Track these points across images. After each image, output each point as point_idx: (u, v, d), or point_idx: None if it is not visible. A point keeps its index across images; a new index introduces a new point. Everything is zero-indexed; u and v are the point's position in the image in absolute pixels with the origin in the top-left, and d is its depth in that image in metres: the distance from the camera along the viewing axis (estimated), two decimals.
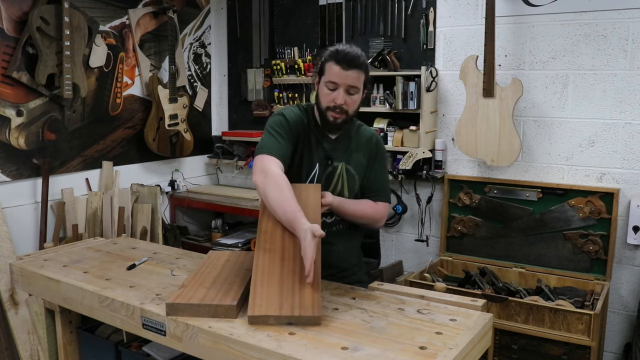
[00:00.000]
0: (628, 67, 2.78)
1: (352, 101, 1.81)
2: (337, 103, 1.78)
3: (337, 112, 1.81)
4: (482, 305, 1.57)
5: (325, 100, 1.81)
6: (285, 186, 1.66)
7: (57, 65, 3.08)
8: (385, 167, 2.04)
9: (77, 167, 3.38)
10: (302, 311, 1.40)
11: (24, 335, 2.88)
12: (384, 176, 2.02)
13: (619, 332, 2.94)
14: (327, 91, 1.80)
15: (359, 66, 1.77)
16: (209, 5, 4.21)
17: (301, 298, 1.44)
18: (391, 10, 3.43)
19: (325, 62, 1.80)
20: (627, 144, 2.83)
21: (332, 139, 1.92)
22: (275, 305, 1.43)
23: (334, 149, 1.91)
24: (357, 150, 1.94)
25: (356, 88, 1.80)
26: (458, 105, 3.23)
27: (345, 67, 1.75)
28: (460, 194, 3.22)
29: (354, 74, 1.76)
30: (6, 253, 2.88)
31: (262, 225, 1.68)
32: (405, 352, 1.28)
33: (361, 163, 1.94)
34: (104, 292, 1.67)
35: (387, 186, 2.01)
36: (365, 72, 1.80)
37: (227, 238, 3.85)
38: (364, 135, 1.98)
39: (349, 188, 1.92)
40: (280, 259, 1.57)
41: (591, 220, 2.87)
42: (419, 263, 3.42)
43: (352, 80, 1.77)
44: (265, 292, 1.47)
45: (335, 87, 1.78)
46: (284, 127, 1.83)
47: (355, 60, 1.76)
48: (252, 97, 4.13)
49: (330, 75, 1.78)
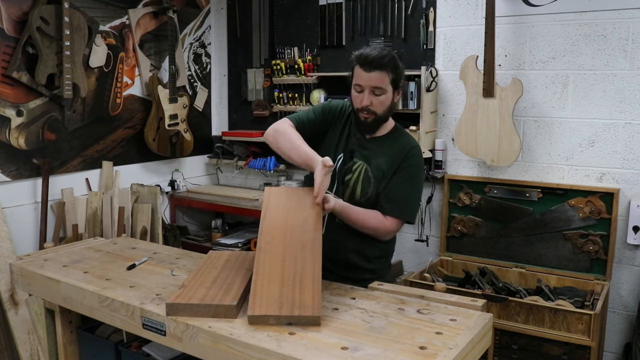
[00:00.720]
0: (628, 67, 2.78)
1: (379, 102, 1.87)
2: (363, 105, 1.87)
3: (366, 113, 1.89)
4: (482, 305, 1.57)
5: (355, 102, 1.92)
6: (295, 137, 1.86)
7: (57, 65, 3.08)
8: (410, 183, 1.93)
9: (77, 167, 3.38)
10: (302, 311, 1.41)
11: (24, 335, 2.88)
12: (405, 191, 1.92)
13: (619, 332, 2.94)
14: (356, 93, 1.90)
15: (381, 66, 1.83)
16: (209, 5, 4.21)
17: (301, 298, 1.44)
18: (391, 10, 3.43)
19: (354, 66, 1.89)
20: (627, 144, 2.83)
21: (365, 139, 1.98)
22: (275, 305, 1.43)
23: (361, 147, 1.96)
24: (383, 155, 1.95)
25: (381, 89, 1.86)
26: (458, 105, 3.23)
27: (368, 69, 1.83)
28: (460, 194, 3.22)
29: (376, 75, 1.83)
30: (6, 253, 2.88)
31: (264, 226, 1.69)
32: (405, 352, 1.28)
33: (382, 169, 1.93)
34: (104, 292, 1.67)
35: (405, 201, 1.92)
36: (390, 72, 1.85)
37: (227, 238, 3.85)
38: (399, 144, 1.97)
39: (362, 189, 1.93)
40: (281, 260, 1.57)
41: (591, 220, 2.87)
42: (419, 263, 3.42)
43: (374, 81, 1.84)
44: (266, 292, 1.47)
45: (361, 89, 1.87)
46: (323, 108, 2.02)
47: (377, 62, 1.82)
48: (252, 97, 4.13)
49: (356, 78, 1.88)
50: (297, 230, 1.65)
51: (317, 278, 1.50)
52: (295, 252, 1.58)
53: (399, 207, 1.91)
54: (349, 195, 1.95)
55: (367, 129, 1.96)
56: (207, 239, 3.99)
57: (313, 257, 1.57)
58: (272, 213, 1.72)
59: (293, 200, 1.77)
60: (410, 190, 1.94)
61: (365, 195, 1.93)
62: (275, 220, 1.69)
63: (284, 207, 1.75)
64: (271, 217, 1.71)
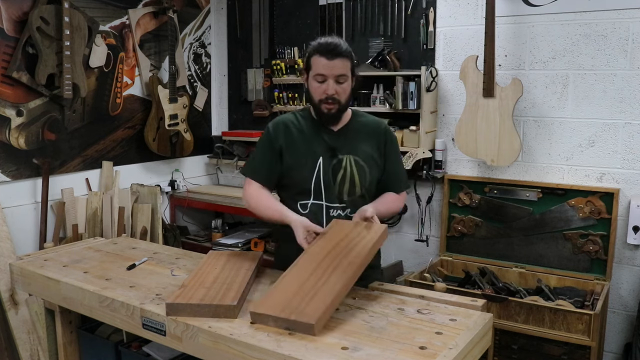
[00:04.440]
0: (628, 67, 2.78)
1: (343, 90, 1.86)
2: (328, 94, 1.84)
3: (330, 103, 1.86)
4: (482, 305, 1.57)
5: (316, 93, 1.87)
6: (263, 198, 1.94)
7: (57, 65, 3.08)
8: (398, 154, 2.08)
9: (77, 167, 3.38)
10: (299, 317, 1.37)
11: (24, 335, 2.88)
12: (401, 165, 2.09)
13: (619, 332, 2.94)
14: (317, 84, 1.85)
15: (343, 54, 1.83)
16: (209, 5, 4.21)
17: (306, 307, 1.41)
18: (391, 10, 3.43)
19: (311, 57, 1.86)
20: (627, 144, 2.83)
21: (333, 132, 1.94)
22: (279, 308, 1.42)
23: (337, 141, 1.93)
24: (363, 140, 1.96)
25: (344, 76, 1.85)
26: (458, 105, 3.23)
27: (330, 57, 1.81)
28: (460, 194, 3.22)
29: (339, 63, 1.82)
30: (6, 253, 2.88)
31: (310, 248, 1.68)
32: (405, 352, 1.28)
33: (369, 154, 1.95)
34: (104, 292, 1.67)
35: (404, 174, 2.11)
36: (350, 59, 1.86)
37: (227, 238, 3.84)
38: (369, 125, 2.00)
39: (360, 180, 1.93)
40: (309, 274, 1.55)
41: (591, 220, 2.87)
42: (419, 263, 3.42)
43: (338, 69, 1.83)
44: (277, 296, 1.46)
45: (324, 78, 1.84)
46: (265, 142, 1.97)
47: (339, 49, 1.82)
48: (252, 97, 4.13)
49: (318, 68, 1.83)
50: (339, 255, 1.62)
51: (332, 294, 1.45)
52: (325, 270, 1.56)
53: (404, 181, 2.09)
54: (349, 190, 1.92)
55: (331, 120, 1.92)
56: (207, 239, 3.99)
57: (340, 277, 1.53)
58: (322, 241, 1.71)
59: (352, 232, 1.74)
60: (402, 163, 2.13)
61: (365, 184, 1.94)
62: (322, 248, 1.68)
63: (337, 237, 1.73)
64: (329, 237, 1.71)
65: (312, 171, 1.89)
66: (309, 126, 1.95)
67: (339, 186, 1.92)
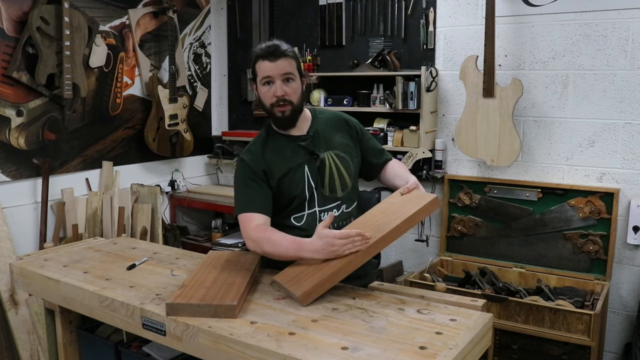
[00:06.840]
0: (628, 67, 2.78)
1: (293, 90, 1.83)
2: (277, 95, 1.81)
3: (282, 105, 1.82)
4: (482, 305, 1.57)
5: (266, 98, 1.84)
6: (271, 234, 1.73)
7: (57, 65, 3.08)
8: (367, 132, 2.09)
9: (77, 167, 3.38)
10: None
11: (24, 335, 2.88)
12: (374, 139, 2.10)
13: (619, 332, 2.94)
14: (266, 88, 1.83)
15: (285, 53, 1.82)
16: (209, 5, 4.21)
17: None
18: (391, 10, 3.43)
19: (255, 63, 1.84)
20: (627, 144, 2.83)
21: (305, 135, 1.91)
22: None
23: (312, 143, 1.90)
24: (334, 133, 1.95)
25: (291, 75, 1.83)
26: (458, 105, 3.23)
27: (273, 58, 1.80)
28: (460, 194, 3.22)
29: (283, 62, 1.80)
30: (6, 253, 2.88)
31: (369, 213, 1.81)
32: (405, 352, 1.28)
33: (344, 144, 1.95)
34: (104, 292, 1.67)
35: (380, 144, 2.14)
36: (294, 59, 1.85)
37: (227, 238, 3.85)
38: (329, 119, 2.00)
39: (346, 171, 1.92)
40: None
41: (591, 220, 2.87)
42: (419, 263, 3.42)
43: (283, 68, 1.81)
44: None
45: (271, 79, 1.81)
46: (245, 174, 1.85)
47: (280, 49, 1.81)
48: (252, 97, 4.13)
49: (263, 71, 1.82)
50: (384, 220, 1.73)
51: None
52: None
53: (385, 150, 2.10)
54: (340, 184, 1.91)
55: (288, 123, 1.86)
56: (207, 239, 3.99)
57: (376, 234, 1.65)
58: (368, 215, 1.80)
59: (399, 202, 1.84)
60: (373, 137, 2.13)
61: (351, 174, 1.93)
62: (373, 215, 1.79)
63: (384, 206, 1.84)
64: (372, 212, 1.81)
65: (302, 181, 1.86)
66: (280, 140, 1.90)
67: (330, 184, 1.89)
